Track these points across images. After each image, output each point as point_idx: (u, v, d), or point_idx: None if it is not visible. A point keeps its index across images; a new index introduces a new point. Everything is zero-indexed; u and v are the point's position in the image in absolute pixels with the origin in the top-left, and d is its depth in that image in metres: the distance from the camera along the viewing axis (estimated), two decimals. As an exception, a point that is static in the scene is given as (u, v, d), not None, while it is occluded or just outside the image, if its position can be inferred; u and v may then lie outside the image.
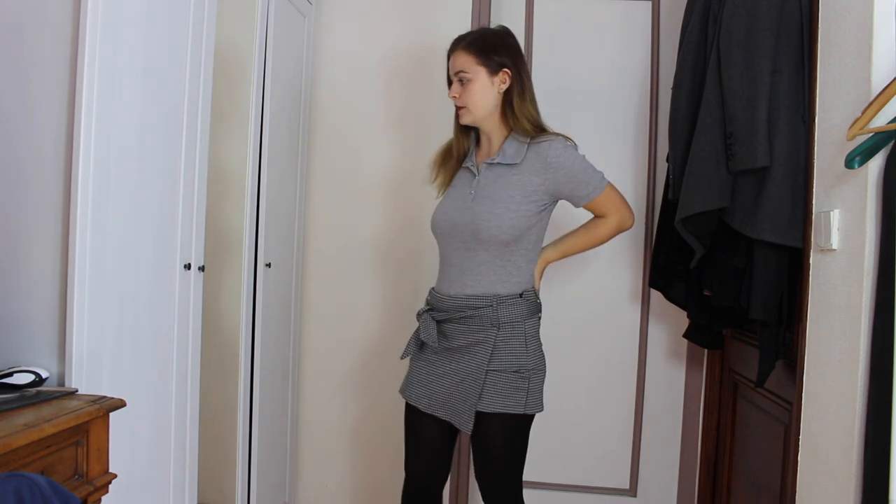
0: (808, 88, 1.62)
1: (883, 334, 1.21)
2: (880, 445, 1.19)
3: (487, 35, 1.82)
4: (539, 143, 1.75)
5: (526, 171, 1.74)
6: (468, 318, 1.73)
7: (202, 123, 1.81)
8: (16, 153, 1.42)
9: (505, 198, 1.72)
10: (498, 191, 1.74)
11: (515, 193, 1.72)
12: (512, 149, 1.77)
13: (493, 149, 1.83)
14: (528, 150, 1.76)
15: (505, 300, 1.72)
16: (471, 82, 1.77)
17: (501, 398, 1.69)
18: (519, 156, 1.75)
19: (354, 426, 2.59)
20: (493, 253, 1.73)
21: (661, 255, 2.26)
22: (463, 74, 1.78)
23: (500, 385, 1.69)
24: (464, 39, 1.81)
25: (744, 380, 2.16)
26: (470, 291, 1.74)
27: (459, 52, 1.79)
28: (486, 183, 1.77)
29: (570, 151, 1.76)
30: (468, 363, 1.72)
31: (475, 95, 1.78)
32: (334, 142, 2.61)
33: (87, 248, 1.41)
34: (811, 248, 1.53)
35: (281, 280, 2.41)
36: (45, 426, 1.18)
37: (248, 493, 2.20)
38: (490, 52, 1.77)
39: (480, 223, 1.71)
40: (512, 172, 1.75)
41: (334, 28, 2.60)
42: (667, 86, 2.37)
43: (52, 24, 1.40)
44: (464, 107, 1.80)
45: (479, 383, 1.69)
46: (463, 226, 1.74)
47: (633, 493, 2.61)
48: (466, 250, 1.75)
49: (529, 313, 1.75)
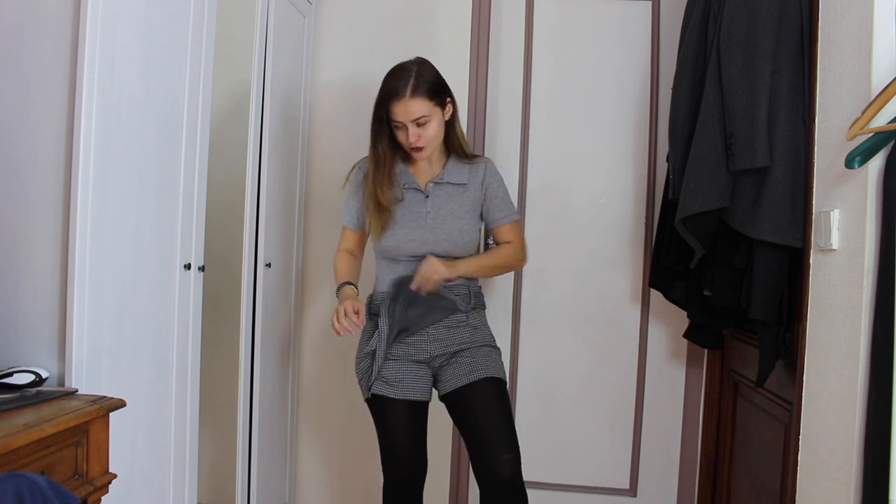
0: (808, 88, 1.62)
1: (883, 334, 1.21)
2: (880, 445, 1.19)
3: (425, 74, 1.81)
4: (477, 164, 1.94)
5: (471, 188, 1.92)
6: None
7: (202, 123, 1.81)
8: (15, 153, 1.42)
9: (464, 214, 1.89)
10: (456, 209, 1.89)
11: (470, 209, 1.91)
12: (455, 169, 1.92)
13: (433, 170, 1.92)
14: (469, 168, 1.92)
15: (473, 287, 1.93)
16: (430, 122, 1.81)
17: (493, 367, 1.86)
18: (464, 175, 1.91)
19: (354, 426, 2.58)
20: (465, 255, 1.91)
21: (661, 255, 2.26)
22: (423, 119, 1.80)
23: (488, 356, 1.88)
24: (407, 87, 1.78)
25: (744, 380, 2.16)
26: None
27: (411, 100, 1.77)
28: (440, 202, 1.89)
29: (499, 174, 1.97)
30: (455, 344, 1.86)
31: (431, 133, 1.83)
32: (334, 141, 2.61)
33: (86, 248, 1.41)
34: (811, 248, 1.53)
35: (281, 280, 2.41)
36: (45, 426, 1.18)
37: (248, 493, 2.20)
38: (437, 90, 1.83)
39: (455, 239, 1.87)
40: (461, 191, 1.91)
41: (334, 28, 2.60)
42: (667, 86, 2.37)
43: (51, 24, 1.40)
44: (423, 147, 1.82)
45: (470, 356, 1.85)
46: (435, 243, 1.86)
47: (633, 493, 2.61)
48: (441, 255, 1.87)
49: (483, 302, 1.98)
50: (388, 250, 1.88)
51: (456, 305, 1.85)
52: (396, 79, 1.80)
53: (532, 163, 2.61)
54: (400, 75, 1.81)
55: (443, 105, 1.85)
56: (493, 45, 2.59)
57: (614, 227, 2.58)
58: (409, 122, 1.79)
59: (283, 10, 2.28)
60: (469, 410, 1.82)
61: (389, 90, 1.80)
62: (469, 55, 2.51)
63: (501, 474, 1.75)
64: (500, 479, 1.75)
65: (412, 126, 1.80)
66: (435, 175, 1.91)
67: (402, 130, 1.82)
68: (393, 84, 1.80)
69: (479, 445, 1.78)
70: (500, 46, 2.61)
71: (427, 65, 1.85)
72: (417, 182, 1.90)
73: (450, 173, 1.91)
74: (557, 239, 2.60)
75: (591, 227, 2.59)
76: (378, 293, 1.92)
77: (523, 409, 2.63)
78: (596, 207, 2.59)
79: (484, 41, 2.56)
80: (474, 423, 1.81)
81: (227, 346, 2.21)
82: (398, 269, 1.89)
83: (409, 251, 1.87)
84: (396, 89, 1.78)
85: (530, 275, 2.61)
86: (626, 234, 2.58)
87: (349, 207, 1.96)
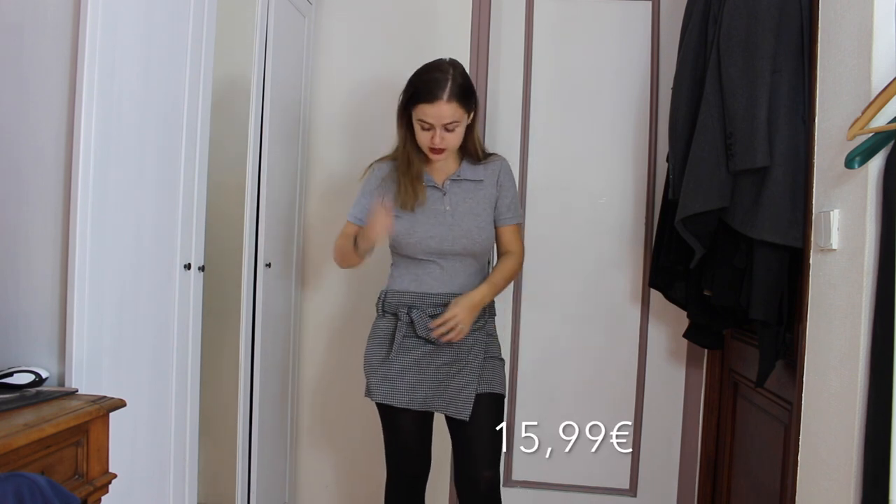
0: (808, 88, 1.62)
1: (883, 334, 1.21)
2: (880, 445, 1.19)
3: (459, 78, 1.79)
4: (492, 162, 1.93)
5: (487, 185, 1.90)
6: None
7: (202, 123, 1.81)
8: (15, 153, 1.42)
9: (481, 212, 1.88)
10: (474, 206, 1.88)
11: (487, 206, 1.90)
12: (470, 168, 1.91)
13: (449, 167, 1.90)
14: (484, 167, 1.91)
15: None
16: (457, 128, 1.80)
17: (496, 382, 1.86)
18: (479, 173, 1.90)
19: (355, 426, 2.58)
20: (479, 258, 1.91)
21: (661, 255, 2.26)
22: (454, 124, 1.78)
23: (496, 370, 1.88)
24: (445, 90, 1.74)
25: (744, 380, 2.16)
26: (457, 289, 1.86)
27: (447, 104, 1.74)
28: (458, 200, 1.88)
29: (513, 174, 1.97)
30: (467, 351, 1.84)
31: (456, 137, 1.82)
32: (334, 141, 2.61)
33: (86, 247, 1.41)
34: (811, 248, 1.53)
35: (281, 280, 2.41)
36: (45, 426, 1.18)
37: (248, 493, 2.20)
38: (469, 95, 1.82)
39: (474, 236, 1.85)
40: (478, 188, 1.90)
41: (334, 27, 2.60)
42: (667, 86, 2.37)
43: (52, 24, 1.40)
44: (444, 150, 1.81)
45: (479, 369, 1.83)
46: (454, 240, 1.84)
47: (633, 493, 2.61)
48: (454, 258, 1.85)
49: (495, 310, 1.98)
50: (408, 248, 1.86)
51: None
52: (433, 80, 1.75)
53: (532, 163, 2.61)
54: (437, 77, 1.76)
55: (470, 110, 1.83)
56: (493, 45, 2.59)
57: (614, 227, 2.58)
58: (440, 125, 1.76)
59: (283, 10, 2.28)
60: (463, 425, 1.83)
61: (425, 90, 1.75)
62: (469, 55, 2.51)
63: (479, 489, 1.81)
64: (477, 492, 1.81)
65: (440, 129, 1.77)
66: (451, 172, 1.89)
67: (427, 132, 1.78)
68: (429, 84, 1.75)
69: (465, 456, 1.84)
70: (500, 46, 2.61)
71: (460, 67, 1.82)
72: (435, 180, 1.88)
73: (465, 171, 1.90)
74: (557, 239, 2.60)
75: (590, 228, 2.59)
76: (392, 291, 1.90)
77: (523, 408, 2.63)
78: (596, 207, 2.59)
79: (484, 41, 2.56)
80: (465, 436, 1.84)
81: (227, 346, 2.20)
82: (414, 271, 1.87)
83: (428, 249, 1.84)
84: (433, 91, 1.74)
85: (530, 275, 2.60)
86: (626, 234, 2.58)
87: (358, 205, 1.91)
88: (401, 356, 1.84)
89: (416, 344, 1.84)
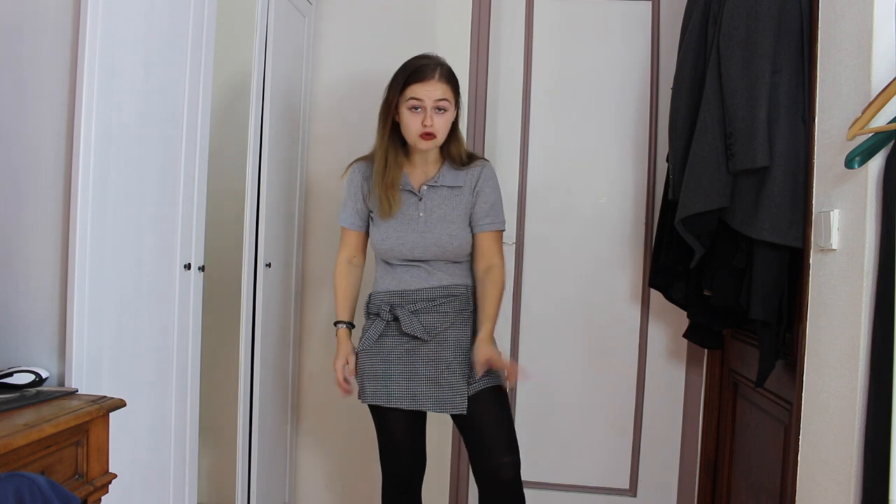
0: (808, 88, 1.62)
1: (883, 334, 1.21)
2: (880, 445, 1.19)
3: (447, 66, 1.82)
4: (473, 167, 1.89)
5: (465, 191, 1.87)
6: (443, 303, 1.84)
7: (202, 123, 1.81)
8: (15, 153, 1.42)
9: (455, 218, 1.85)
10: (448, 213, 1.85)
11: (462, 213, 1.86)
12: (451, 173, 1.88)
13: (429, 171, 1.89)
14: (465, 172, 1.88)
15: (470, 287, 1.90)
16: (446, 112, 1.80)
17: (494, 376, 1.83)
18: (459, 178, 1.87)
19: (355, 426, 2.58)
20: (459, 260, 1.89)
21: (661, 255, 2.26)
22: (444, 103, 1.78)
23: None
24: (436, 70, 1.78)
25: (744, 380, 2.16)
26: (437, 283, 1.86)
27: (438, 82, 1.77)
28: (432, 206, 1.85)
29: (496, 179, 1.91)
30: (452, 347, 1.83)
31: (445, 123, 1.82)
32: (334, 141, 2.61)
33: (87, 248, 1.41)
34: (811, 248, 1.53)
35: (281, 280, 2.41)
36: (45, 426, 1.18)
37: (248, 493, 2.20)
38: (457, 85, 1.84)
39: (444, 244, 1.83)
40: (454, 194, 1.87)
41: (334, 28, 2.60)
42: (667, 86, 2.37)
43: (51, 24, 1.40)
44: (435, 134, 1.80)
45: (467, 364, 1.82)
46: (425, 248, 1.84)
47: (633, 493, 2.61)
48: (432, 259, 1.86)
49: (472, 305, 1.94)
50: (381, 253, 1.88)
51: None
52: (423, 64, 1.79)
53: (532, 163, 2.61)
54: (426, 62, 1.80)
55: (457, 101, 1.84)
56: (493, 45, 2.59)
57: (614, 227, 2.58)
58: (432, 103, 1.76)
59: (283, 9, 2.28)
60: (471, 420, 1.81)
61: (415, 71, 1.78)
62: (469, 55, 2.51)
63: (501, 476, 1.76)
64: (499, 480, 1.76)
65: (431, 111, 1.77)
66: (430, 177, 1.88)
67: (417, 115, 1.78)
68: (420, 67, 1.78)
69: (480, 450, 1.80)
70: (500, 46, 2.61)
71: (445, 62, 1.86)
72: (412, 184, 1.87)
73: (445, 176, 1.86)
74: (557, 239, 2.60)
75: (590, 228, 2.59)
76: (375, 293, 1.91)
77: (523, 408, 2.63)
78: (596, 207, 2.59)
79: (484, 41, 2.56)
80: (476, 432, 1.81)
81: (227, 346, 2.20)
82: (394, 272, 1.87)
83: (401, 255, 1.85)
84: (424, 72, 1.77)
85: (530, 275, 2.61)
86: (626, 234, 2.58)
87: (347, 209, 1.93)
88: (384, 355, 1.84)
89: (401, 342, 1.84)
